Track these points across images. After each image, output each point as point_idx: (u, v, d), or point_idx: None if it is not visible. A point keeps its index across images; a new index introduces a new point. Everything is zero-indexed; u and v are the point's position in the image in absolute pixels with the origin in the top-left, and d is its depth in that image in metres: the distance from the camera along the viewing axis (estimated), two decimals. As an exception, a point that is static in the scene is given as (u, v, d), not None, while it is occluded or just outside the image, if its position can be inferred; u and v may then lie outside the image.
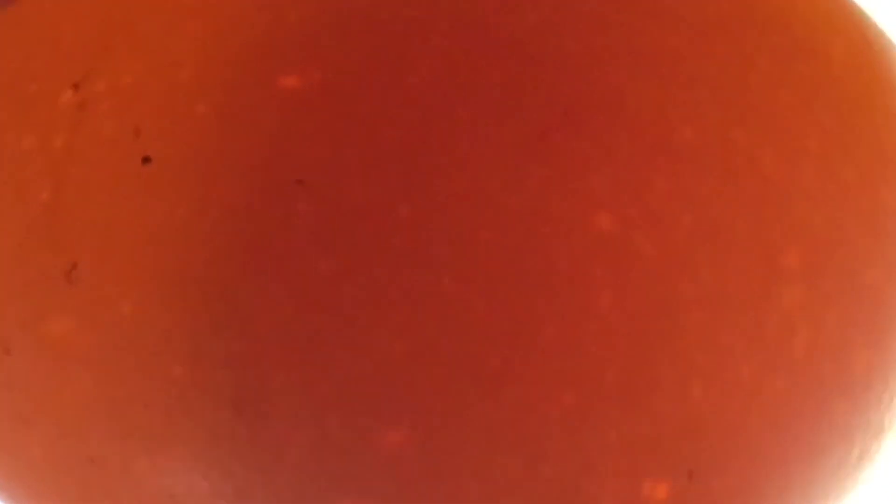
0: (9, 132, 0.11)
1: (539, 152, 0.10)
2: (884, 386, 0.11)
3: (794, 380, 0.10)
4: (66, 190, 0.10)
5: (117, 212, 0.10)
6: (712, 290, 0.10)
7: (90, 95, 0.11)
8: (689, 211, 0.10)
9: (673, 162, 0.10)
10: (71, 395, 0.10)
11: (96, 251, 0.10)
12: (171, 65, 0.10)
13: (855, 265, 0.11)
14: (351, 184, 0.10)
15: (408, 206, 0.10)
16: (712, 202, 0.10)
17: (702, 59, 0.10)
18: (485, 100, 0.10)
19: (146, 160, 0.10)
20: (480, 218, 0.10)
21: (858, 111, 0.11)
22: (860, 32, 0.12)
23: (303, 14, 0.10)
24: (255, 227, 0.10)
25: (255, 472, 0.10)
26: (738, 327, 0.10)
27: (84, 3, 0.11)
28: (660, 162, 0.10)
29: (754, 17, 0.11)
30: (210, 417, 0.10)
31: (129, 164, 0.10)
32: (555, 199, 0.10)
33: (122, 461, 0.10)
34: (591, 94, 0.10)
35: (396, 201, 0.10)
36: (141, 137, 0.10)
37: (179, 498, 0.10)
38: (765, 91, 0.10)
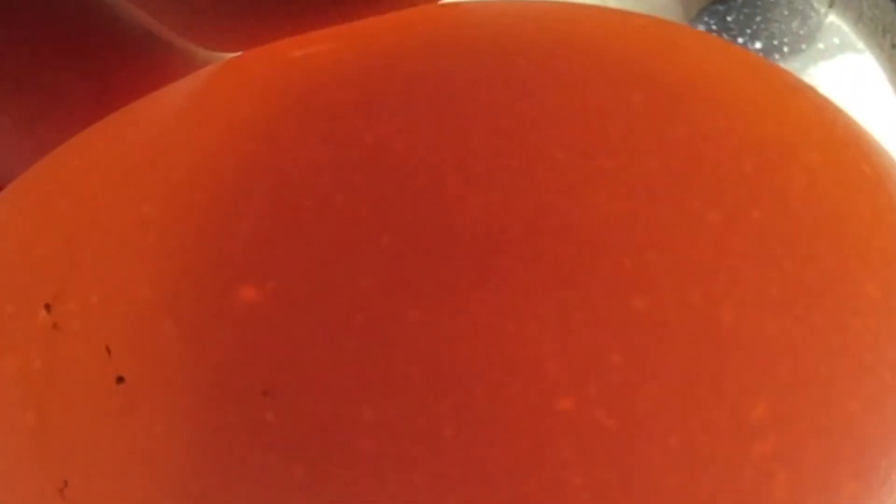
0: None
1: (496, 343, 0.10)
2: None
3: None
4: (49, 414, 0.11)
5: (100, 432, 0.10)
6: (682, 455, 0.10)
7: (62, 315, 0.11)
8: (650, 381, 0.10)
9: (628, 335, 0.10)
10: None
11: (84, 469, 0.11)
12: (132, 282, 0.11)
13: (829, 403, 0.10)
14: (315, 392, 0.10)
15: (371, 409, 0.10)
16: (672, 369, 0.10)
17: (647, 223, 0.10)
18: (435, 296, 0.10)
19: (119, 380, 0.10)
20: (444, 415, 0.10)
21: (822, 244, 0.11)
22: (829, 147, 0.12)
23: (254, 224, 0.10)
24: (227, 439, 0.10)
25: None
26: (714, 485, 0.10)
27: (51, 217, 0.12)
28: (614, 337, 0.10)
29: (700, 170, 0.10)
30: None
31: (105, 384, 0.10)
32: (515, 388, 0.10)
33: None
34: (541, 272, 0.10)
35: (360, 406, 0.10)
36: (112, 357, 0.10)
37: None
38: (717, 246, 0.10)
